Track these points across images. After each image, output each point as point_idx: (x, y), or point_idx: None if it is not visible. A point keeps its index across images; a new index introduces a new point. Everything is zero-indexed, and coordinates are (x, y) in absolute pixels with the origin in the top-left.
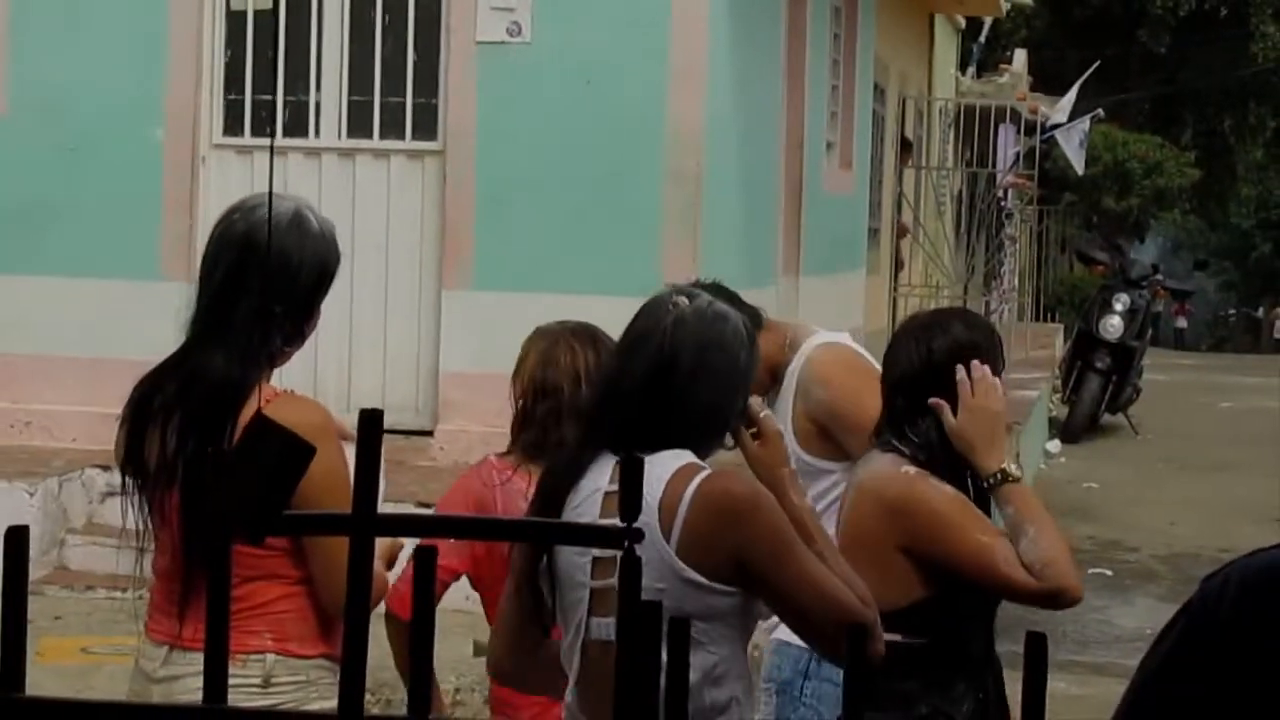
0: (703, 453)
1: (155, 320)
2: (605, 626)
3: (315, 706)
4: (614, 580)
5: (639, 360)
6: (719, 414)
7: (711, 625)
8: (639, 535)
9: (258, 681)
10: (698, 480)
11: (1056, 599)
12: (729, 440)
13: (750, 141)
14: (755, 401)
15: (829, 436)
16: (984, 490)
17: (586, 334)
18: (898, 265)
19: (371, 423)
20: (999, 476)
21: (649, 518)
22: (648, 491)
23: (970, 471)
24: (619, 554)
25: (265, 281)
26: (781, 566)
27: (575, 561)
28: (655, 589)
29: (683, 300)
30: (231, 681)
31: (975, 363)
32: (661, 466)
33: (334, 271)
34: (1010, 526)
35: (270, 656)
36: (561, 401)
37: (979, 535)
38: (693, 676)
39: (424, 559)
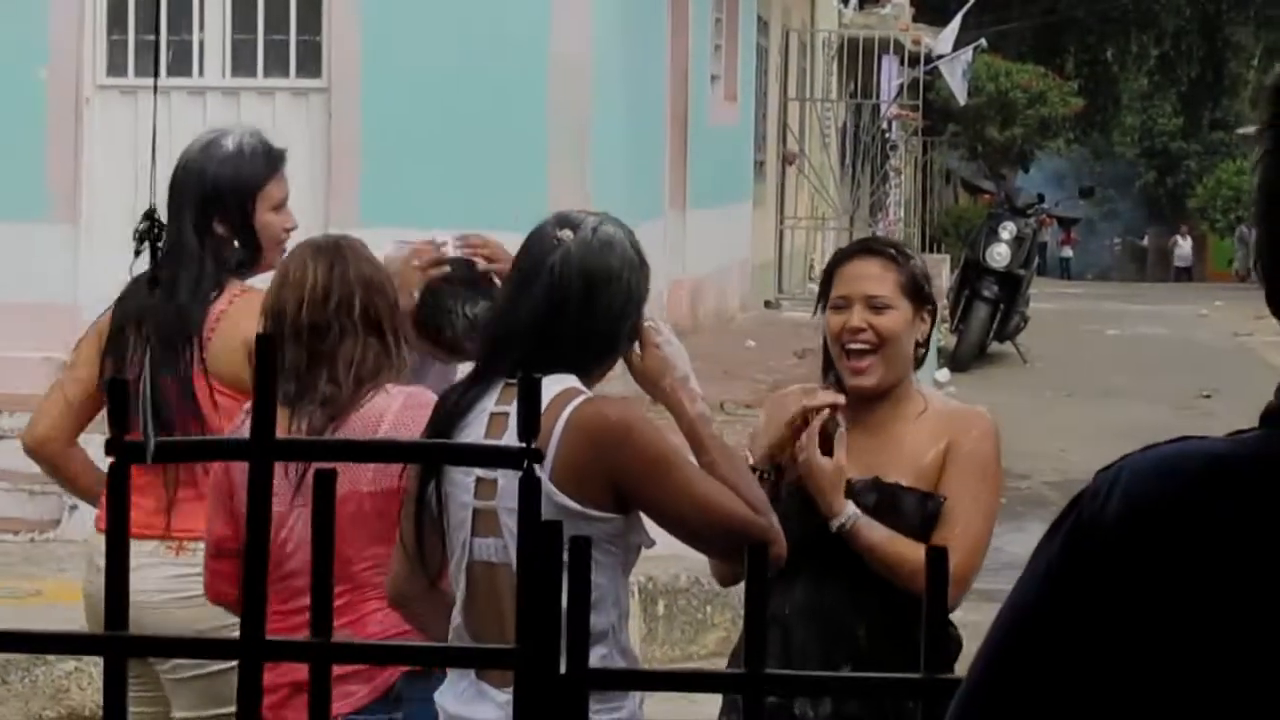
0: (594, 375)
1: (45, 261)
2: (487, 547)
3: None
4: (495, 501)
5: (529, 298)
6: (611, 339)
7: None
8: (539, 455)
9: (199, 569)
10: (571, 407)
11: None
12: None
13: (635, 74)
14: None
15: None
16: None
17: (331, 247)
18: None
19: (267, 348)
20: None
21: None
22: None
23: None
24: (499, 474)
25: (194, 206)
26: (661, 487)
27: (460, 481)
28: None
29: (566, 234)
30: (170, 572)
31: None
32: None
33: (257, 186)
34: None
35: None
36: (284, 326)
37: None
38: (568, 602)
39: (324, 482)
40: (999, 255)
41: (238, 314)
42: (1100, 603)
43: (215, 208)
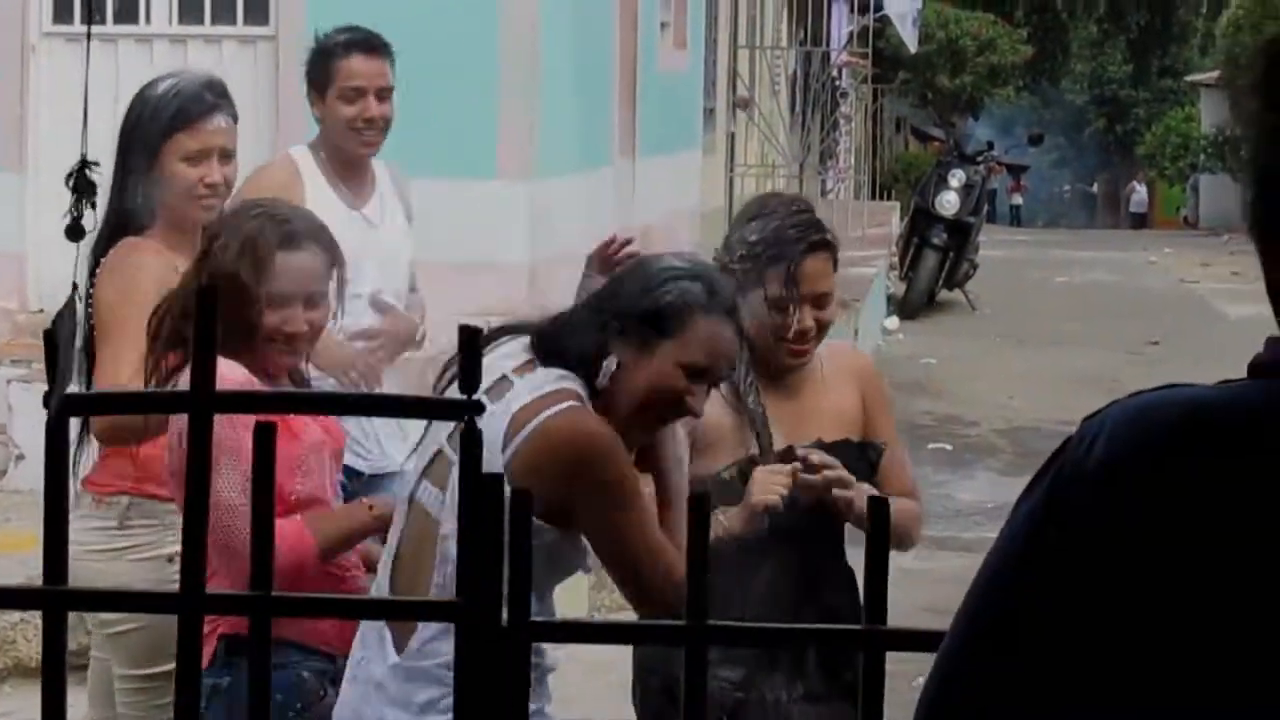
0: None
1: None
2: (431, 495)
3: (169, 551)
4: (456, 455)
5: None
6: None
7: None
8: (479, 408)
9: (114, 523)
10: (554, 409)
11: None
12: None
13: (584, 21)
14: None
15: None
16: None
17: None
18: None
19: (207, 299)
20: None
21: (499, 424)
22: (514, 401)
23: None
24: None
25: (118, 150)
26: (612, 517)
27: (445, 425)
28: None
29: None
30: (91, 524)
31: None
32: (537, 382)
33: (166, 132)
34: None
35: (125, 498)
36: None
37: None
38: (509, 555)
39: (264, 434)
40: (948, 203)
41: (107, 270)
42: (1081, 550)
43: (127, 153)
